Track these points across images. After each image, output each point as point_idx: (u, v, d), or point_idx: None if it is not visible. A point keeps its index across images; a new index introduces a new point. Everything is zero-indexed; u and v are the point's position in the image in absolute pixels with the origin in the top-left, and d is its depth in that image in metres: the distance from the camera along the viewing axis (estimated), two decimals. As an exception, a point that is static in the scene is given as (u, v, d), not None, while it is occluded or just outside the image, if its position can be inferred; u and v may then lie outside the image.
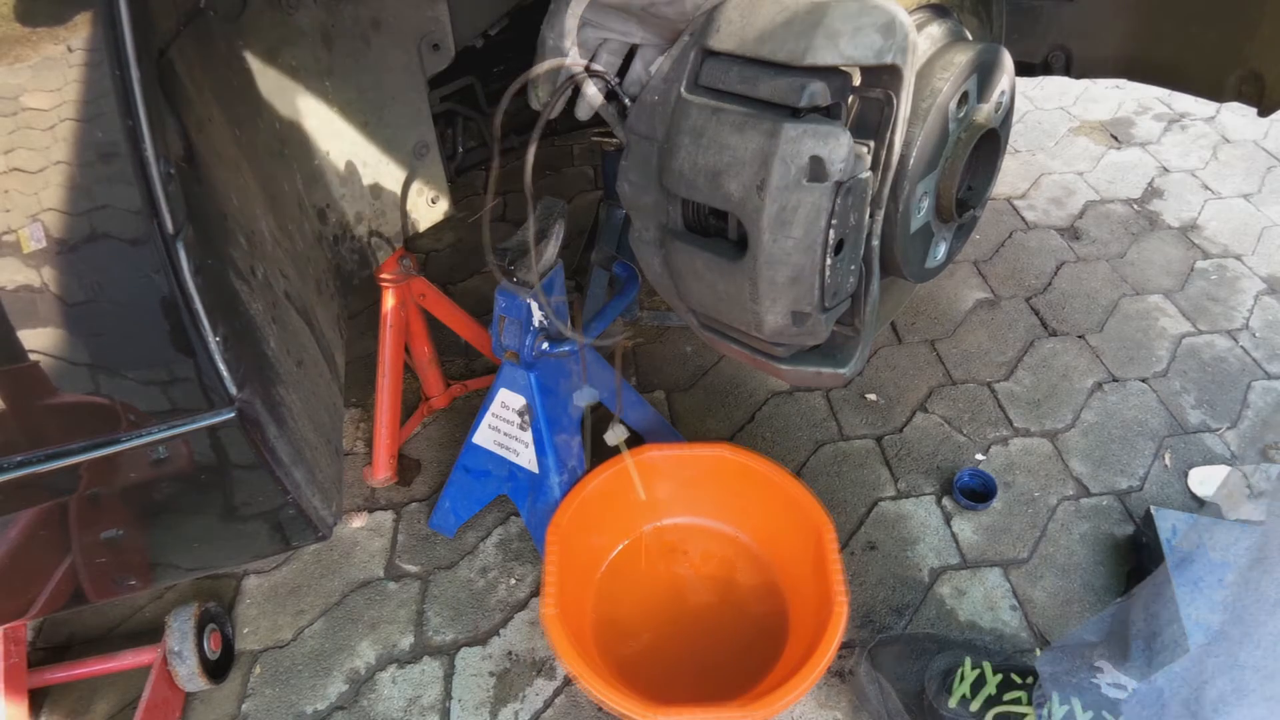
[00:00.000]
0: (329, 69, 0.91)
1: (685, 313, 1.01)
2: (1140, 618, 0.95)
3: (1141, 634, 0.94)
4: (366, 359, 1.69)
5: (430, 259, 2.18)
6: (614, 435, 1.32)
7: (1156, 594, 0.93)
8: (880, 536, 1.46)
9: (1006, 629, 1.32)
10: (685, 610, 1.34)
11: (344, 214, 0.99)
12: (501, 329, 1.24)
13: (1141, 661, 0.93)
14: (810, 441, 1.64)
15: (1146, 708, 0.92)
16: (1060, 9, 1.32)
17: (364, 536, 1.51)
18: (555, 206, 1.24)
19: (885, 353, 1.83)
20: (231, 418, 0.71)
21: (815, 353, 0.99)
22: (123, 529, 0.79)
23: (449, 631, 1.36)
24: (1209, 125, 2.53)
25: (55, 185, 0.61)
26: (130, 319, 0.66)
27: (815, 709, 1.24)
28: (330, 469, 0.87)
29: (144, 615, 1.41)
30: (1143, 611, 0.94)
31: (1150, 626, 0.93)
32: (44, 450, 0.70)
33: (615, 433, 1.32)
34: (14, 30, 0.57)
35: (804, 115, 0.77)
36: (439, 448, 1.66)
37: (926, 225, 1.00)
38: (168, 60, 0.64)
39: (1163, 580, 0.92)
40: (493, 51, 1.29)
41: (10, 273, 0.62)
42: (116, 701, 1.29)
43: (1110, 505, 1.50)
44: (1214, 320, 1.87)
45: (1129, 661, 0.95)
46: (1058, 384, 1.73)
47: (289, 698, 1.28)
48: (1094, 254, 2.07)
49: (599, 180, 2.36)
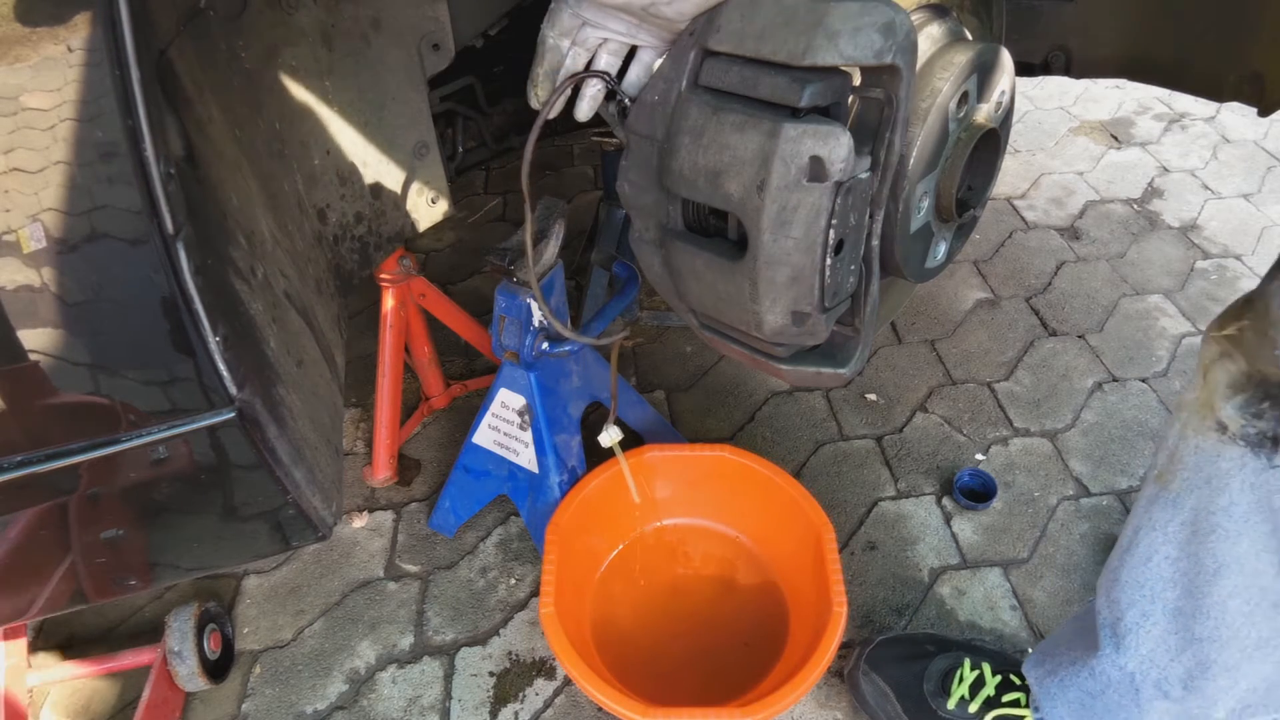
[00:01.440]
0: (329, 69, 0.91)
1: (685, 313, 1.01)
2: (1104, 605, 0.94)
3: (1106, 622, 0.94)
4: (366, 359, 1.69)
5: (430, 259, 2.18)
6: (608, 437, 1.31)
7: (1114, 580, 0.92)
8: (880, 536, 1.46)
9: (1006, 629, 1.32)
10: (685, 611, 1.34)
11: (344, 214, 0.99)
12: (501, 329, 1.24)
13: (1110, 648, 0.93)
14: (810, 441, 1.64)
15: (1122, 695, 0.93)
16: (1060, 9, 1.32)
17: (364, 536, 1.51)
18: (555, 206, 1.24)
19: (885, 353, 1.83)
20: (231, 418, 0.71)
21: (815, 353, 0.99)
22: (123, 529, 0.79)
23: (449, 631, 1.36)
24: (1209, 125, 2.53)
25: (55, 185, 0.61)
26: (130, 319, 0.66)
27: (815, 709, 1.24)
28: (330, 469, 0.87)
29: (144, 615, 1.41)
30: (1105, 598, 0.94)
31: (1112, 612, 0.93)
32: (44, 450, 0.70)
33: (609, 434, 1.31)
34: (14, 30, 0.57)
35: (804, 115, 0.77)
36: (439, 448, 1.66)
37: (926, 225, 1.00)
38: (168, 60, 0.64)
39: (1117, 565, 0.92)
40: (493, 51, 1.29)
41: (10, 273, 0.62)
42: (116, 701, 1.29)
43: (1110, 505, 1.50)
44: (1214, 320, 1.87)
45: (1100, 651, 0.94)
46: (1058, 384, 1.73)
47: (289, 698, 1.29)
48: (1094, 254, 2.07)
49: (599, 180, 2.36)
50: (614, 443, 1.31)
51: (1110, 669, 0.93)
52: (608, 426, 1.31)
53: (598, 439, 1.31)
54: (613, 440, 1.31)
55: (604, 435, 1.31)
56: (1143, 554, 0.88)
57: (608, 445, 1.31)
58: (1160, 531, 0.86)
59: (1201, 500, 0.81)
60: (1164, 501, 0.85)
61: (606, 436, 1.31)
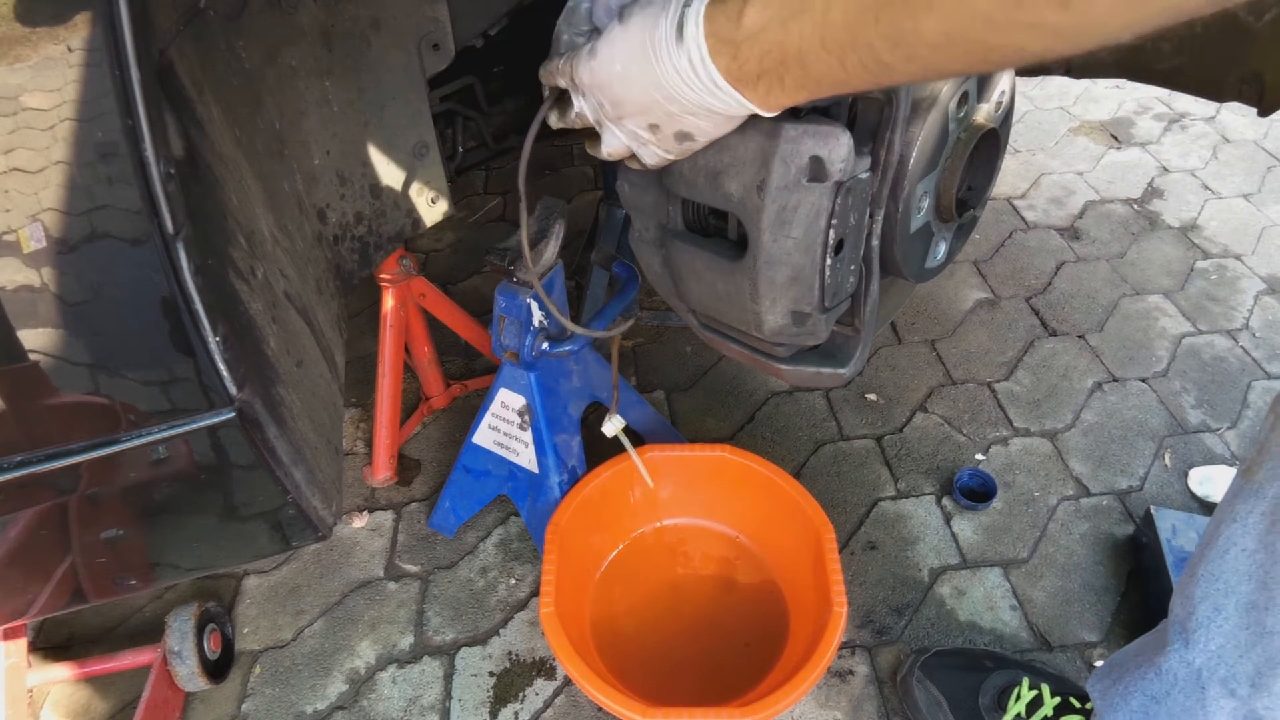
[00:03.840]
0: (329, 69, 0.91)
1: (685, 313, 1.01)
2: (1178, 603, 0.92)
3: (1178, 619, 0.91)
4: (366, 359, 1.69)
5: (430, 259, 2.18)
6: (611, 426, 1.31)
7: (1190, 576, 0.90)
8: (880, 536, 1.46)
9: (1006, 629, 1.32)
10: (685, 611, 1.34)
11: (344, 214, 0.99)
12: (501, 329, 1.24)
13: (1180, 645, 0.90)
14: (810, 441, 1.64)
15: (1188, 695, 0.89)
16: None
17: (364, 536, 1.51)
18: (555, 206, 1.24)
19: (885, 353, 1.83)
20: (231, 418, 0.71)
21: (815, 353, 0.99)
22: (123, 529, 0.79)
23: (449, 631, 1.36)
24: (1209, 125, 2.53)
25: (55, 185, 0.61)
26: (130, 319, 0.66)
27: (815, 709, 1.24)
28: (330, 469, 0.87)
29: (144, 615, 1.41)
30: (1179, 596, 0.91)
31: (1185, 608, 0.90)
32: (44, 450, 0.70)
33: (613, 423, 1.31)
34: (14, 30, 0.57)
35: (803, 115, 0.77)
36: (439, 448, 1.66)
37: (926, 225, 1.00)
38: (167, 60, 0.64)
39: (1195, 560, 0.90)
40: (493, 51, 1.29)
41: (10, 273, 0.62)
42: (116, 701, 1.29)
43: (1110, 505, 1.50)
44: (1214, 320, 1.87)
45: (1168, 648, 0.92)
46: (1058, 384, 1.73)
47: (289, 698, 1.29)
48: (1094, 254, 2.07)
49: (599, 180, 2.36)
50: (618, 431, 1.31)
51: (1178, 666, 0.90)
52: (611, 416, 1.31)
53: (601, 429, 1.32)
54: (616, 429, 1.31)
55: (607, 425, 1.31)
56: (1221, 547, 0.85)
57: (611, 435, 1.31)
58: (1240, 524, 0.83)
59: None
60: (1247, 493, 0.83)
61: (610, 426, 1.31)
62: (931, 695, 1.17)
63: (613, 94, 0.73)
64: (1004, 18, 0.50)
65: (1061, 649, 1.30)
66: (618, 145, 0.78)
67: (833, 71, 0.60)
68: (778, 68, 0.62)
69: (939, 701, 1.16)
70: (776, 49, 0.61)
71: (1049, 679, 1.15)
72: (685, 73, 0.66)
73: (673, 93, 0.68)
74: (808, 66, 0.60)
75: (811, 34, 0.58)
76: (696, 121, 0.71)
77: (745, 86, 0.65)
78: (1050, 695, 1.11)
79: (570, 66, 0.75)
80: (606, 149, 0.79)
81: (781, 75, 0.63)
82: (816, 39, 0.58)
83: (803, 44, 0.59)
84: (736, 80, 0.65)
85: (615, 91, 0.72)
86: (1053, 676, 1.17)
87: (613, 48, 0.70)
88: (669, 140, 0.75)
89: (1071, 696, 1.11)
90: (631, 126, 0.75)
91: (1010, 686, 1.14)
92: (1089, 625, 1.32)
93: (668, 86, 0.68)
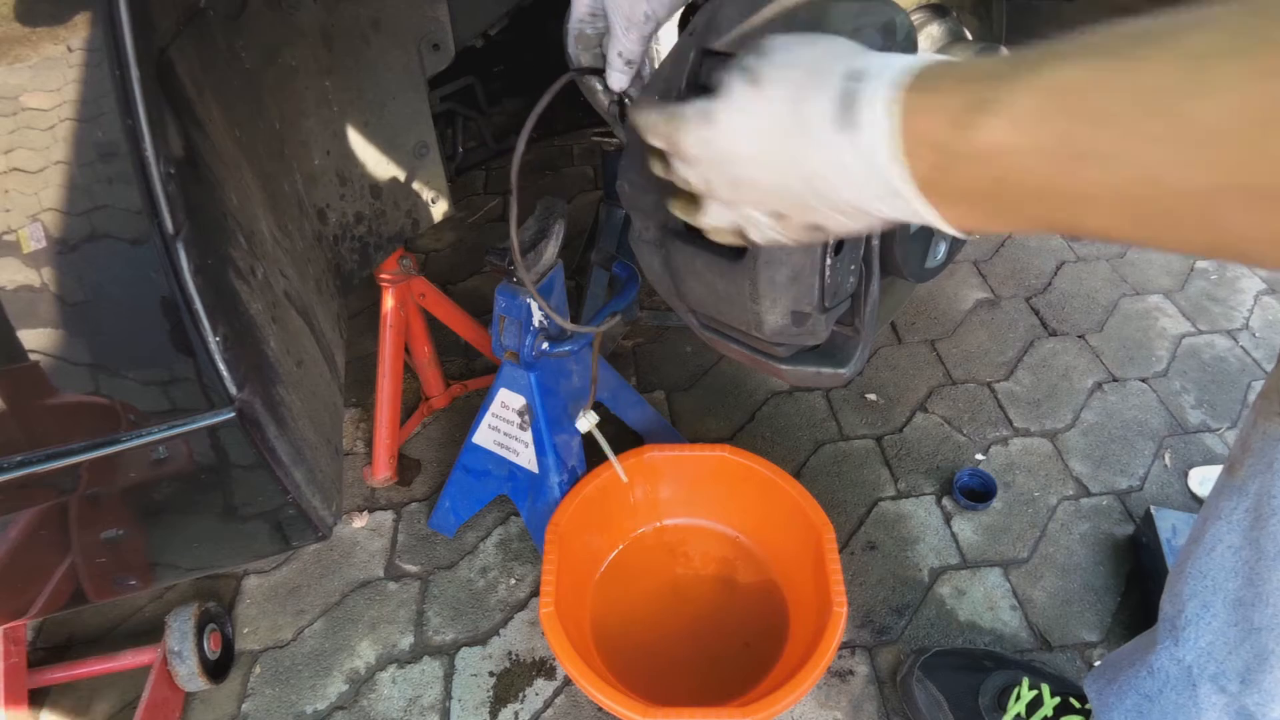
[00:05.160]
0: (329, 69, 0.91)
1: (685, 313, 1.01)
2: (1167, 601, 0.92)
3: (1167, 616, 0.91)
4: (366, 359, 1.69)
5: (430, 259, 2.17)
6: (585, 421, 1.28)
7: (1178, 573, 0.91)
8: (880, 536, 1.46)
9: (1006, 629, 1.32)
10: (685, 611, 1.34)
11: (344, 214, 0.99)
12: (501, 329, 1.24)
13: (1169, 642, 0.91)
14: (810, 441, 1.64)
15: (1179, 693, 0.90)
16: (1060, 9, 1.32)
17: (364, 536, 1.51)
18: (555, 206, 1.24)
19: (885, 353, 1.83)
20: (231, 418, 0.71)
21: (815, 353, 0.99)
22: (123, 529, 0.79)
23: (449, 631, 1.36)
24: (1209, 125, 2.53)
25: (55, 185, 0.61)
26: (130, 319, 0.66)
27: (815, 709, 1.24)
28: (330, 469, 0.87)
29: (144, 615, 1.41)
30: (1168, 593, 0.92)
31: (1174, 606, 0.90)
32: (44, 450, 0.70)
33: (587, 419, 1.27)
34: (14, 30, 0.57)
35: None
36: (439, 448, 1.66)
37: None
38: (168, 60, 0.64)
39: (1183, 558, 0.90)
40: (493, 51, 1.29)
41: (10, 273, 0.62)
42: (116, 701, 1.29)
43: (1110, 505, 1.50)
44: (1214, 320, 1.87)
45: (1159, 646, 0.93)
46: (1058, 384, 1.73)
47: (289, 698, 1.28)
48: (1094, 254, 2.07)
49: (599, 180, 2.36)
50: (592, 426, 1.29)
51: (1169, 664, 0.91)
52: (585, 411, 1.28)
53: (575, 424, 1.30)
54: (590, 425, 1.29)
55: (581, 420, 1.29)
56: (1207, 545, 0.86)
57: (585, 430, 1.29)
58: (1225, 520, 0.84)
59: (1265, 485, 0.80)
60: (1230, 490, 0.83)
61: (584, 421, 1.29)
62: (931, 695, 1.17)
63: (732, 174, 0.54)
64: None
65: (1061, 649, 1.30)
66: (725, 224, 0.61)
67: (1104, 224, 0.40)
68: (1015, 201, 0.42)
69: (939, 701, 1.16)
70: (1029, 180, 0.40)
71: (1049, 679, 1.15)
72: (852, 169, 0.46)
73: (822, 188, 0.49)
74: (1080, 218, 0.40)
75: (1114, 182, 0.37)
76: (842, 220, 0.52)
77: (943, 202, 0.45)
78: (1050, 695, 1.11)
79: (673, 130, 0.56)
80: (710, 223, 0.62)
81: (1018, 206, 0.42)
82: (1117, 189, 0.37)
83: (1089, 190, 0.38)
84: (932, 191, 0.45)
85: (736, 172, 0.54)
86: (1053, 676, 1.17)
87: (742, 118, 0.51)
88: (796, 230, 0.57)
89: (1071, 697, 1.11)
90: (750, 211, 0.57)
91: (1010, 686, 1.14)
92: (1089, 625, 1.32)
93: (817, 181, 0.49)
